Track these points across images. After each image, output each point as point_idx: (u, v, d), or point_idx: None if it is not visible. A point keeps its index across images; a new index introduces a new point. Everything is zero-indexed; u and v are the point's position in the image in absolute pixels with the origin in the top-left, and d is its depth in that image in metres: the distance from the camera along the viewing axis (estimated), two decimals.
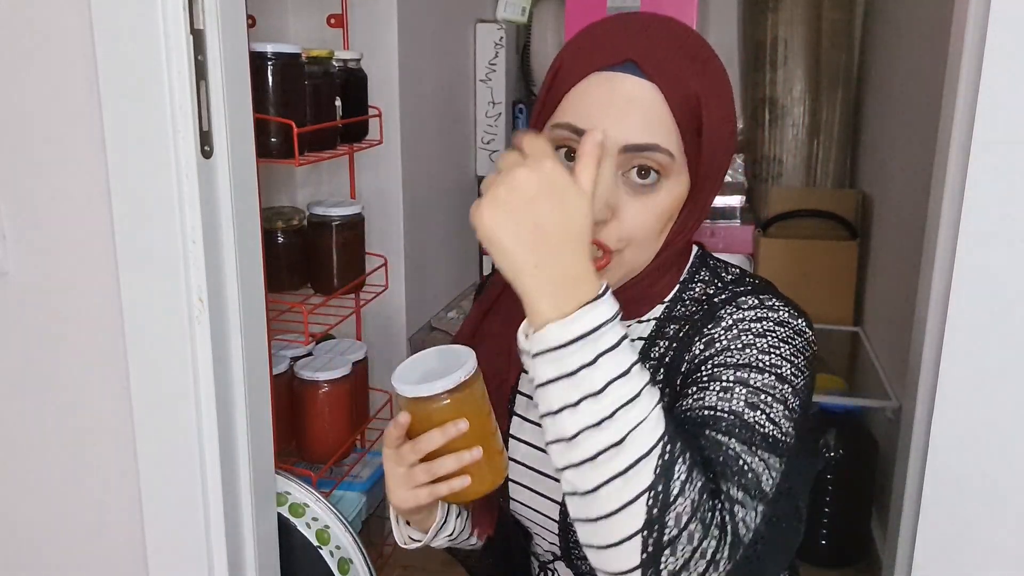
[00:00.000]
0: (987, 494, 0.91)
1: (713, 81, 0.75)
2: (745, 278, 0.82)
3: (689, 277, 0.84)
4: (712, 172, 0.77)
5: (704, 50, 0.76)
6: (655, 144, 0.72)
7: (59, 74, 0.94)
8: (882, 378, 1.91)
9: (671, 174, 0.74)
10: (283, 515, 1.30)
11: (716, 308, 0.77)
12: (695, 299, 0.81)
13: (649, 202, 0.74)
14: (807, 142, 2.50)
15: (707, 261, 0.86)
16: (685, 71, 0.73)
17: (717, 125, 0.74)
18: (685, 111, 0.73)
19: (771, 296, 0.78)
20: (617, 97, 0.73)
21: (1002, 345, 0.88)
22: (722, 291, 0.80)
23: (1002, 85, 0.83)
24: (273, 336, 1.66)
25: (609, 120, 0.72)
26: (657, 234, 0.76)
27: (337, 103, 1.62)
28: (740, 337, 0.74)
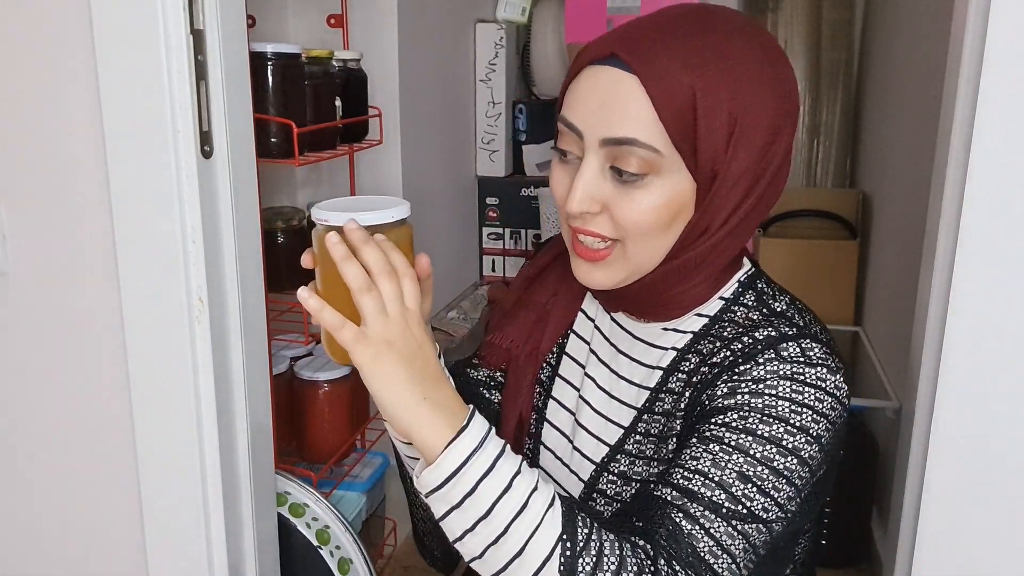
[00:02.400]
0: (987, 494, 0.91)
1: (721, 77, 0.70)
2: (791, 312, 0.79)
3: (734, 298, 0.81)
4: (729, 174, 0.72)
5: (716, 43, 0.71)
6: (632, 138, 0.70)
7: (59, 74, 0.94)
8: (882, 378, 1.91)
9: (660, 170, 0.72)
10: (283, 515, 1.30)
11: (756, 350, 0.74)
12: (735, 322, 0.79)
13: (638, 197, 0.72)
14: (807, 142, 2.50)
15: (755, 284, 0.82)
16: (675, 64, 0.70)
17: (719, 123, 0.70)
18: (672, 105, 0.69)
19: (813, 345, 0.74)
20: (598, 90, 0.72)
21: (1002, 345, 0.88)
22: (766, 322, 0.76)
23: (1002, 85, 0.83)
24: (273, 336, 1.66)
25: (588, 113, 0.72)
26: (656, 231, 0.74)
27: (337, 103, 1.61)
28: (762, 397, 0.72)
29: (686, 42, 0.71)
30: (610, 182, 0.73)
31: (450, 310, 2.27)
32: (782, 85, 0.73)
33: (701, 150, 0.71)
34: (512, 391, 0.89)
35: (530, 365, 0.88)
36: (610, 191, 0.73)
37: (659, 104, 0.69)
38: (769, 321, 0.77)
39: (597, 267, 0.78)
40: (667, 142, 0.70)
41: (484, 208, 2.49)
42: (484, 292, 2.42)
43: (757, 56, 0.72)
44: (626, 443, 0.82)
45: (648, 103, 0.70)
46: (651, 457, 0.80)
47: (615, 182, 0.73)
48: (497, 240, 2.51)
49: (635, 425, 0.82)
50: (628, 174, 0.72)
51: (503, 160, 2.47)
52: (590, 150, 0.73)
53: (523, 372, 0.89)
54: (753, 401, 0.72)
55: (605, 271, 0.78)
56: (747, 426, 0.71)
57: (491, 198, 2.49)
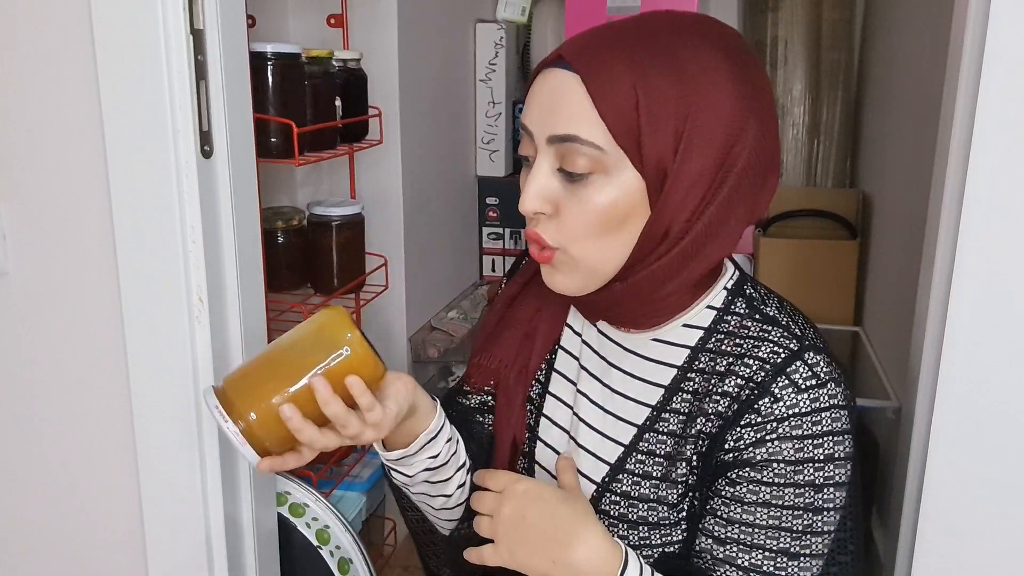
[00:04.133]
0: (987, 494, 0.91)
1: (667, 74, 0.70)
2: (784, 318, 0.79)
3: (725, 307, 0.80)
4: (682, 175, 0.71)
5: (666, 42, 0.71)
6: (574, 135, 0.70)
7: (59, 74, 0.94)
8: (882, 378, 1.90)
9: (606, 168, 0.71)
10: (283, 515, 1.30)
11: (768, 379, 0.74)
12: (731, 333, 0.78)
13: (584, 196, 0.72)
14: (807, 142, 2.50)
15: (743, 290, 0.81)
16: (618, 62, 0.70)
17: (665, 121, 0.70)
18: (612, 102, 0.69)
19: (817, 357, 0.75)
20: (544, 90, 0.73)
21: (1002, 345, 0.88)
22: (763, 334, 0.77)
23: (1002, 85, 0.83)
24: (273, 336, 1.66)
25: (536, 112, 0.74)
26: (605, 231, 0.73)
27: (337, 103, 1.61)
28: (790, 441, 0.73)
29: (633, 42, 0.71)
30: (560, 182, 0.73)
31: (450, 310, 2.27)
32: (745, 83, 0.72)
33: (646, 147, 0.70)
34: (503, 413, 0.88)
35: (520, 385, 0.87)
36: (560, 191, 0.73)
37: (598, 100, 0.69)
38: (767, 332, 0.77)
39: (554, 270, 0.77)
40: (609, 139, 0.70)
41: (484, 208, 2.49)
42: (484, 292, 2.43)
43: (714, 54, 0.71)
44: (627, 461, 0.81)
45: (589, 102, 0.70)
46: (659, 478, 0.79)
47: (564, 182, 0.73)
48: (497, 240, 2.51)
49: (637, 443, 0.81)
50: (574, 173, 0.72)
51: (503, 160, 2.47)
52: (541, 150, 0.74)
53: (513, 393, 0.88)
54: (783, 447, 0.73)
55: (561, 275, 0.77)
56: (785, 480, 0.74)
57: (491, 198, 2.49)
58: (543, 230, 0.75)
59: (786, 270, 2.35)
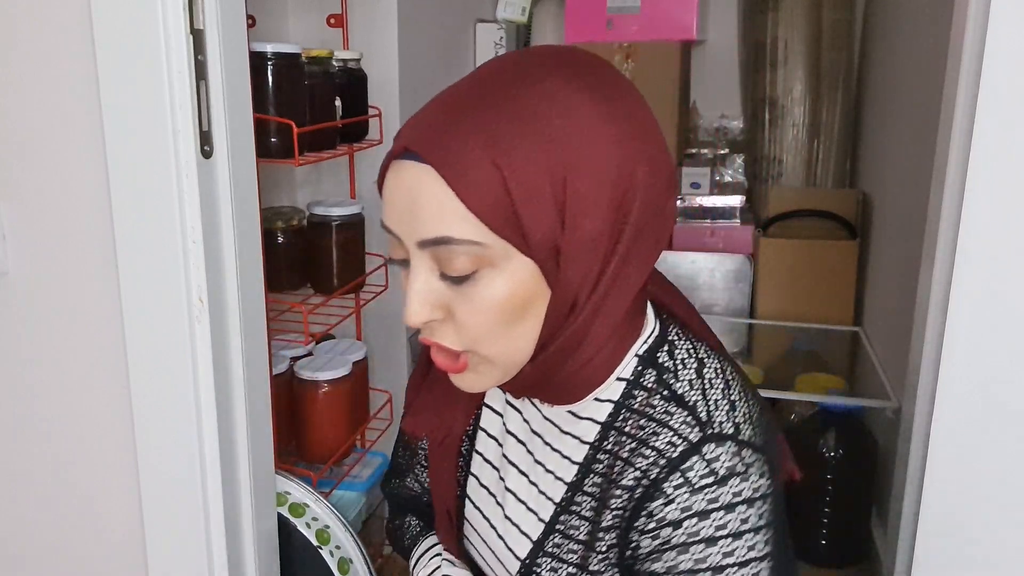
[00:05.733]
0: (987, 494, 0.91)
1: (532, 142, 0.61)
2: (693, 396, 0.69)
3: (635, 379, 0.71)
4: (575, 244, 0.63)
5: (520, 104, 0.62)
6: (446, 237, 0.62)
7: (59, 74, 0.94)
8: (882, 378, 1.91)
9: (491, 262, 0.63)
10: (283, 515, 1.30)
11: (662, 475, 0.67)
12: (637, 411, 0.70)
13: (475, 295, 0.64)
14: (807, 142, 2.50)
15: (656, 358, 0.72)
16: (472, 143, 0.61)
17: (543, 197, 0.61)
18: (480, 191, 0.60)
19: (718, 449, 0.66)
20: (401, 190, 0.64)
21: (1002, 345, 0.88)
22: (666, 417, 0.68)
23: (1002, 85, 0.83)
24: (273, 336, 1.66)
25: (399, 216, 0.65)
26: (508, 325, 0.65)
27: (337, 103, 1.62)
28: (688, 551, 0.66)
29: (482, 110, 0.62)
30: (445, 285, 0.65)
31: None
32: (622, 122, 0.64)
33: (529, 230, 0.62)
34: (435, 482, 0.85)
35: (448, 451, 0.83)
36: (448, 293, 0.65)
37: (462, 193, 0.61)
38: (669, 415, 0.69)
39: (464, 375, 0.70)
40: (486, 232, 0.61)
41: None
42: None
43: (579, 99, 0.63)
44: (546, 543, 0.76)
45: (451, 194, 0.61)
46: (577, 565, 0.73)
47: (450, 285, 0.65)
48: None
49: (555, 524, 0.75)
50: (460, 272, 0.63)
51: None
52: (413, 255, 0.65)
53: (441, 459, 0.84)
54: (680, 560, 0.66)
55: (475, 375, 0.70)
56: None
57: None
58: (441, 336, 0.67)
59: (786, 270, 2.35)
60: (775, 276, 2.37)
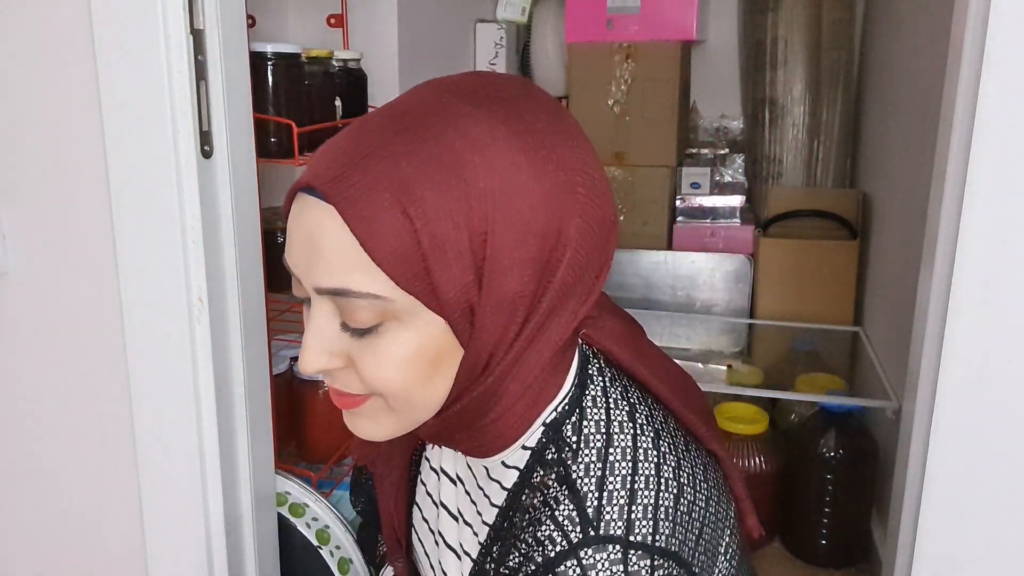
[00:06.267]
0: (987, 494, 0.91)
1: (449, 190, 0.54)
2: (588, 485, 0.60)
3: (539, 451, 0.63)
4: (490, 303, 0.57)
5: (438, 144, 0.55)
6: (344, 288, 0.56)
7: (59, 74, 0.94)
8: (882, 378, 1.91)
9: (396, 316, 0.57)
10: (283, 515, 1.30)
11: (536, 571, 0.59)
12: (534, 487, 0.63)
13: (380, 349, 0.58)
14: (807, 142, 2.50)
15: (562, 429, 0.63)
16: (381, 184, 0.54)
17: (458, 252, 0.55)
18: (387, 243, 0.54)
19: (596, 557, 0.58)
20: (302, 228, 0.58)
21: (1002, 345, 0.88)
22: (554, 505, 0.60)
23: (1002, 85, 0.83)
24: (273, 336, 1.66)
25: (299, 255, 0.59)
26: (415, 384, 0.59)
27: (337, 103, 1.61)
28: None
29: (396, 155, 0.55)
30: (347, 334, 0.59)
31: None
32: (552, 175, 0.57)
33: (441, 288, 0.56)
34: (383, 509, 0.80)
35: (388, 485, 0.79)
36: (348, 343, 0.59)
37: (368, 242, 0.54)
38: (557, 503, 0.61)
39: (359, 415, 0.63)
40: (392, 286, 0.55)
41: None
42: None
43: (508, 150, 0.56)
44: None
45: (355, 242, 0.54)
46: None
47: (351, 334, 0.59)
48: None
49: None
50: (361, 325, 0.58)
51: None
52: (313, 298, 0.59)
53: (384, 492, 0.79)
54: None
55: (368, 421, 0.64)
56: None
57: None
58: (345, 384, 0.62)
59: (786, 270, 2.35)
60: (775, 276, 2.37)
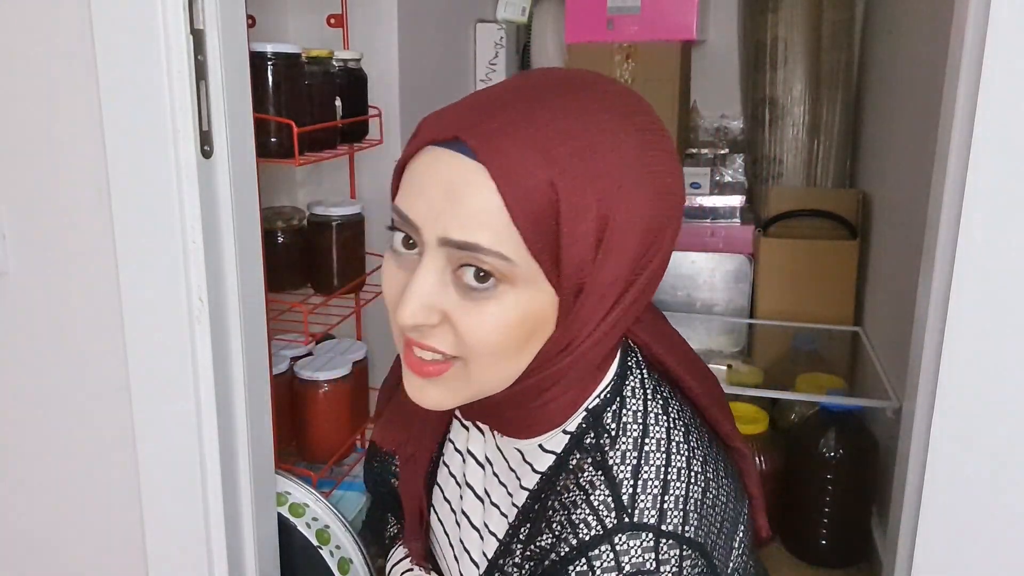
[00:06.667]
0: (987, 494, 0.91)
1: (587, 171, 0.57)
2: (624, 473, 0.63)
3: (578, 437, 0.66)
4: (596, 286, 0.60)
5: (583, 128, 0.58)
6: (475, 244, 0.57)
7: (59, 74, 0.94)
8: (882, 378, 1.91)
9: (514, 280, 0.58)
10: (283, 515, 1.30)
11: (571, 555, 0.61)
12: (570, 471, 0.65)
13: (486, 311, 0.59)
14: (807, 142, 2.50)
15: (603, 417, 0.66)
16: (532, 154, 0.56)
17: (586, 228, 0.57)
18: (528, 206, 0.56)
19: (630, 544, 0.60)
20: (438, 179, 0.58)
21: (1002, 345, 0.88)
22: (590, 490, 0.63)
23: (1002, 85, 0.83)
24: (273, 336, 1.66)
25: (427, 205, 0.59)
26: (507, 352, 0.61)
27: (337, 103, 1.62)
28: None
29: (546, 127, 0.57)
30: (453, 289, 0.60)
31: None
32: (662, 178, 0.61)
33: (565, 261, 0.58)
34: (405, 490, 0.81)
35: (415, 467, 0.79)
36: (453, 300, 0.60)
37: (512, 204, 0.56)
38: (592, 488, 0.63)
39: (431, 383, 0.64)
40: (522, 250, 0.57)
41: None
42: None
43: (633, 143, 0.60)
44: None
45: (499, 202, 0.56)
46: None
47: (459, 290, 0.59)
48: None
49: (496, 561, 0.71)
50: (480, 283, 0.58)
51: None
52: (429, 249, 0.59)
53: (410, 473, 0.80)
54: None
55: (441, 390, 0.64)
56: None
57: None
58: (438, 341, 0.61)
59: (786, 270, 2.35)
60: (775, 276, 2.37)
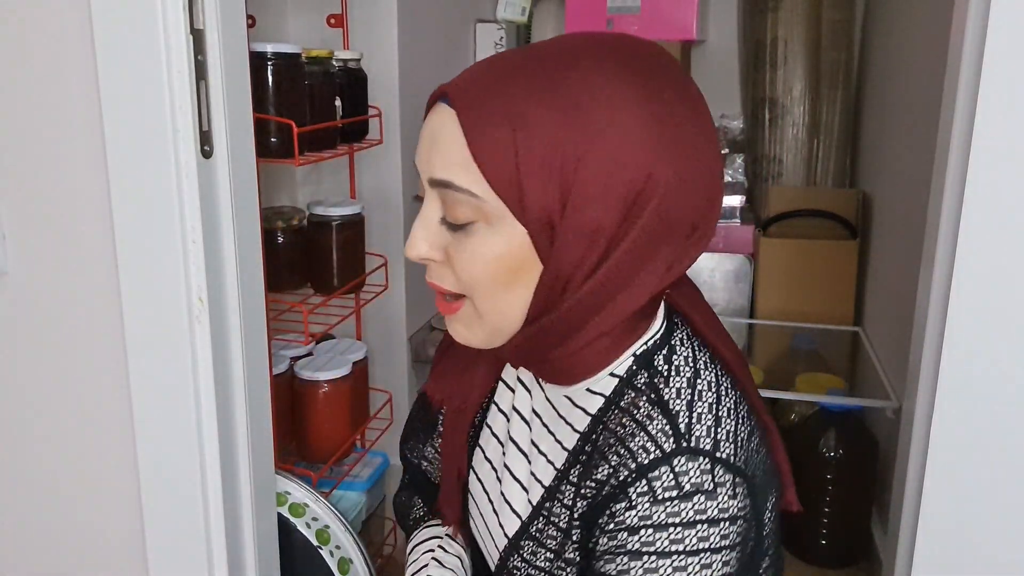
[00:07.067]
0: (987, 494, 0.91)
1: (554, 116, 0.62)
2: (680, 406, 0.68)
3: (628, 378, 0.71)
4: (570, 228, 0.63)
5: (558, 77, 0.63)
6: (448, 181, 0.65)
7: (59, 74, 0.94)
8: (882, 378, 1.91)
9: (488, 218, 0.65)
10: (283, 515, 1.30)
11: (630, 477, 0.66)
12: (623, 409, 0.70)
13: (470, 246, 0.66)
14: (807, 142, 2.50)
15: (653, 359, 0.71)
16: (498, 100, 0.63)
17: (547, 170, 0.62)
18: (488, 147, 0.62)
19: (689, 465, 0.65)
20: (429, 129, 0.68)
21: (1002, 345, 0.88)
22: (646, 422, 0.68)
23: (1002, 85, 0.83)
24: (273, 336, 1.66)
25: (421, 151, 0.69)
26: (497, 285, 0.67)
27: (337, 103, 1.62)
28: (641, 559, 0.65)
29: (517, 72, 0.64)
30: (445, 228, 0.68)
31: None
32: (655, 119, 0.63)
33: (528, 200, 0.63)
34: (447, 447, 0.86)
35: (460, 420, 0.85)
36: (448, 239, 0.68)
37: (473, 143, 0.63)
38: (649, 419, 0.68)
39: (454, 320, 0.72)
40: (486, 187, 0.63)
41: None
42: None
43: (614, 83, 0.63)
44: (531, 526, 0.77)
45: (464, 142, 0.63)
46: (554, 551, 0.74)
47: (448, 229, 0.68)
48: None
49: (540, 508, 0.76)
50: (459, 219, 0.66)
51: None
52: (427, 192, 0.69)
53: (454, 427, 0.85)
54: (632, 566, 0.65)
55: (461, 326, 0.72)
56: None
57: None
58: (440, 278, 0.70)
59: (786, 270, 2.35)
60: (775, 276, 2.37)
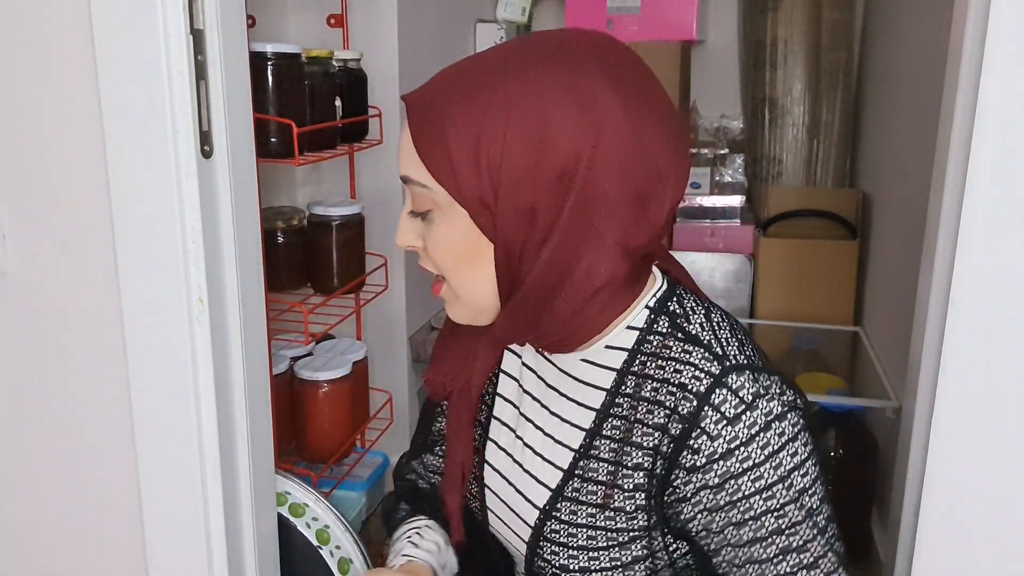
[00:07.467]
0: (987, 494, 0.91)
1: (476, 107, 0.68)
2: (707, 335, 0.76)
3: (648, 327, 0.78)
4: (504, 206, 0.69)
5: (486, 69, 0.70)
6: (407, 176, 0.73)
7: (59, 74, 0.94)
8: (882, 378, 1.91)
9: (440, 206, 0.72)
10: (283, 515, 1.30)
11: (695, 412, 0.72)
12: (654, 354, 0.76)
13: (432, 234, 0.75)
14: (807, 142, 2.50)
15: (666, 306, 0.79)
16: (437, 104, 0.70)
17: (472, 154, 0.68)
18: (427, 142, 0.70)
19: (740, 378, 0.73)
20: (402, 132, 0.75)
21: (1002, 345, 0.88)
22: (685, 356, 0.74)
23: (1002, 85, 0.83)
24: (273, 336, 1.66)
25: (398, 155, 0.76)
26: (460, 266, 0.74)
27: (337, 103, 1.62)
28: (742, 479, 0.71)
29: (461, 80, 0.71)
30: (419, 218, 0.76)
31: None
32: (575, 112, 0.67)
33: (462, 186, 0.70)
34: (452, 434, 0.89)
35: (464, 405, 0.88)
36: (421, 227, 0.76)
37: (417, 143, 0.71)
38: (688, 353, 0.75)
39: (445, 300, 0.80)
40: (432, 179, 0.71)
41: None
42: None
43: (542, 86, 0.68)
44: (565, 488, 0.80)
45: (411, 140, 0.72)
46: (598, 506, 0.78)
47: (421, 218, 0.76)
48: None
49: (574, 469, 0.80)
50: (418, 212, 0.75)
51: None
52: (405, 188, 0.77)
53: (458, 412, 0.88)
54: (741, 484, 0.72)
55: (451, 306, 0.80)
56: (761, 510, 0.72)
57: None
58: (425, 262, 0.79)
59: (786, 270, 2.35)
60: (775, 276, 2.37)
